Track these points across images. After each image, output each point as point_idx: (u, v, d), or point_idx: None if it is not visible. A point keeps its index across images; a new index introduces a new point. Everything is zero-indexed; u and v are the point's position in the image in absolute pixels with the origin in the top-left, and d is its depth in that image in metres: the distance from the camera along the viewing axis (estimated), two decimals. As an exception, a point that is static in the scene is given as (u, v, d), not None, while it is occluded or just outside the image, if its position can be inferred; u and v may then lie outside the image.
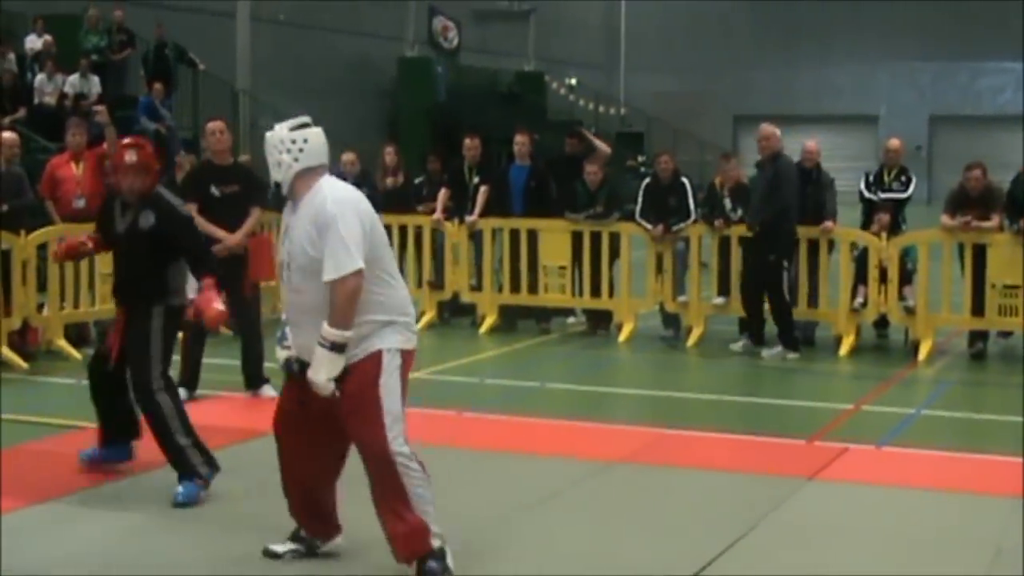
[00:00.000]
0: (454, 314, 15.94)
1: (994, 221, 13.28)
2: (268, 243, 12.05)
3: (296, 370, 6.33)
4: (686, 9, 43.04)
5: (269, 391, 10.73)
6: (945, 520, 7.63)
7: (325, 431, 6.37)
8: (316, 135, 6.45)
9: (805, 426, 10.21)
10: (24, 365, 12.34)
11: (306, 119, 6.53)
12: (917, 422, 10.70)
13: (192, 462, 7.80)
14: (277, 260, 6.70)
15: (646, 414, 11.20)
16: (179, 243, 7.94)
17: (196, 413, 8.35)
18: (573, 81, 40.32)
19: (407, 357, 6.32)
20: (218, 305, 7.73)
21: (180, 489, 7.72)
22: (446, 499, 7.86)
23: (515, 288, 15.21)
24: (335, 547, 6.73)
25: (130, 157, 7.93)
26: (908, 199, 14.31)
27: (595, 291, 14.96)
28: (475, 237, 15.39)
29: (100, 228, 8.38)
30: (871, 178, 14.53)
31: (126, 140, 8.56)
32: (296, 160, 6.34)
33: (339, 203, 6.18)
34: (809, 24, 41.73)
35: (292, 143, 6.36)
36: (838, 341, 13.89)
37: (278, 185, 6.41)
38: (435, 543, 6.28)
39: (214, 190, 10.93)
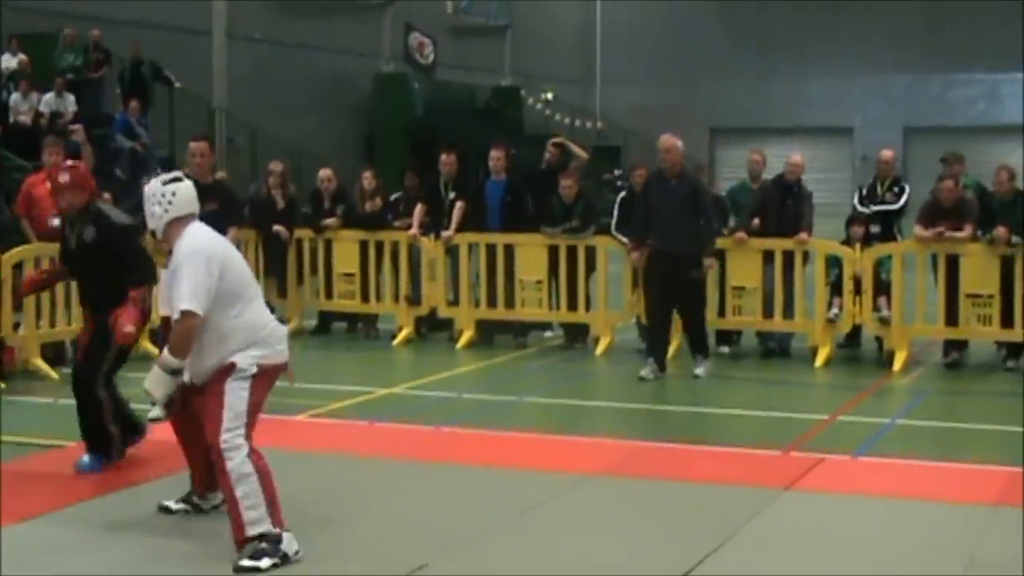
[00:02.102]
0: (431, 329, 15.96)
1: (967, 231, 13.38)
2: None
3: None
4: (661, 23, 43.19)
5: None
6: (920, 529, 7.67)
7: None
8: (185, 188, 7.20)
9: (781, 437, 10.26)
10: (1, 384, 12.32)
11: (178, 174, 7.34)
12: (892, 432, 10.77)
13: (110, 445, 8.86)
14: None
15: (624, 427, 11.22)
16: (117, 252, 8.68)
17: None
18: (549, 95, 40.41)
19: (269, 370, 7.11)
20: (129, 327, 8.34)
21: (86, 459, 8.81)
22: (425, 513, 7.93)
23: (492, 303, 15.24)
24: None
25: (63, 177, 8.82)
26: (902, 210, 14.44)
27: (572, 305, 15.00)
28: (452, 252, 15.42)
29: (61, 247, 9.21)
30: (864, 191, 14.68)
31: (66, 163, 9.81)
32: (166, 211, 7.12)
33: (190, 253, 6.97)
34: (784, 37, 41.92)
35: (163, 196, 7.12)
36: (814, 352, 13.96)
37: (153, 232, 7.18)
38: (252, 531, 6.82)
39: None
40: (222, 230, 11.01)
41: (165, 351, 6.99)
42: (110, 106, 24.49)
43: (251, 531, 6.80)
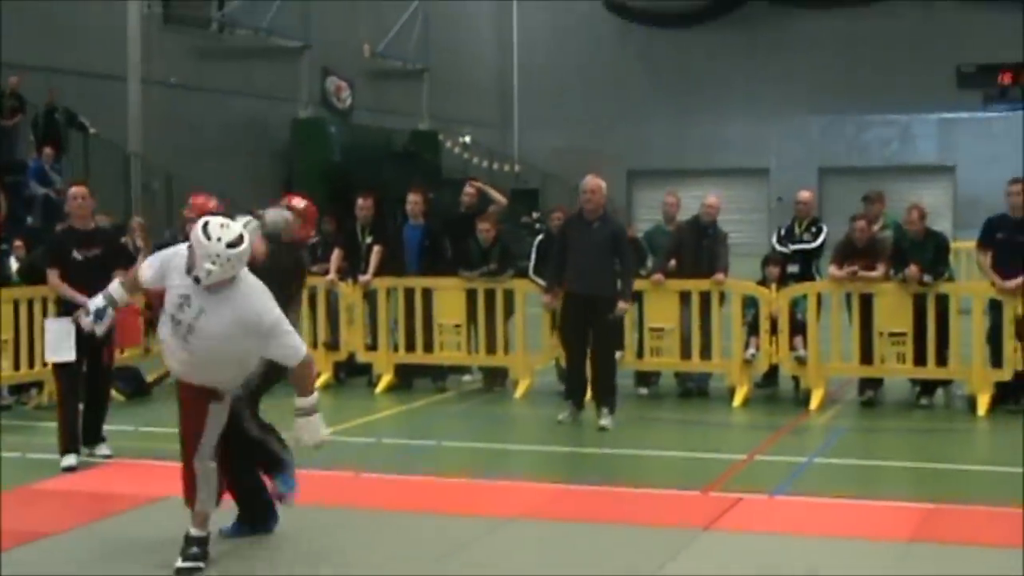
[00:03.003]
0: (350, 374, 15.88)
1: (880, 270, 13.56)
2: (135, 312, 12.02)
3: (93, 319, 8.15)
4: (579, 67, 43.41)
5: (104, 449, 11.07)
6: (837, 566, 7.72)
7: None
8: (245, 252, 7.30)
9: (700, 477, 10.28)
10: None
11: (239, 231, 7.31)
12: (809, 470, 10.83)
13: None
14: (168, 314, 7.53)
15: (543, 470, 11.22)
16: None
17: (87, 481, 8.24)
18: (467, 139, 40.48)
19: None
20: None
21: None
22: (342, 559, 7.87)
23: (411, 347, 15.20)
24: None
25: None
26: (819, 248, 14.58)
27: (491, 348, 15.00)
28: (370, 297, 15.37)
29: None
30: (783, 231, 14.82)
31: None
32: (224, 272, 7.21)
33: (268, 311, 7.30)
34: (701, 81, 42.25)
35: (227, 260, 7.19)
36: (732, 392, 14.04)
37: (197, 279, 7.27)
38: (195, 532, 7.60)
39: (76, 254, 10.98)
40: (107, 274, 11.00)
41: (299, 399, 7.53)
42: (24, 153, 24.24)
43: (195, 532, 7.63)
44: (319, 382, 15.13)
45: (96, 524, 8.07)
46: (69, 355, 10.54)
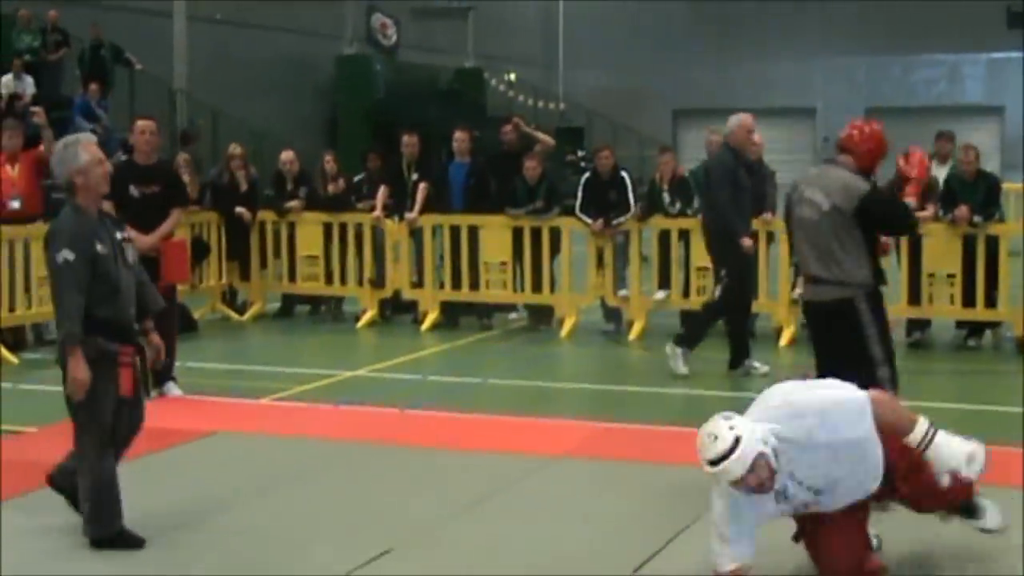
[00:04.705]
0: (395, 311, 15.92)
1: (929, 211, 13.42)
2: (182, 246, 11.98)
3: None
4: (624, 6, 43.11)
5: (174, 390, 10.89)
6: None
7: None
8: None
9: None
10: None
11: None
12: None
13: None
14: None
15: (589, 408, 11.22)
16: None
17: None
18: (512, 77, 40.31)
19: None
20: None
21: None
22: (389, 497, 7.90)
23: (456, 285, 15.20)
24: None
25: None
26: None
27: (536, 286, 14.98)
28: (415, 234, 15.37)
29: None
30: None
31: None
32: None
33: None
34: (746, 20, 41.90)
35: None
36: (778, 333, 13.98)
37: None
38: None
39: (133, 190, 10.87)
40: (164, 213, 11.01)
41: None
42: (69, 88, 24.30)
43: None
44: (365, 319, 15.26)
45: (146, 457, 8.12)
46: None
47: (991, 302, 13.35)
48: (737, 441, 5.48)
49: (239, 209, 15.74)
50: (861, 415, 5.74)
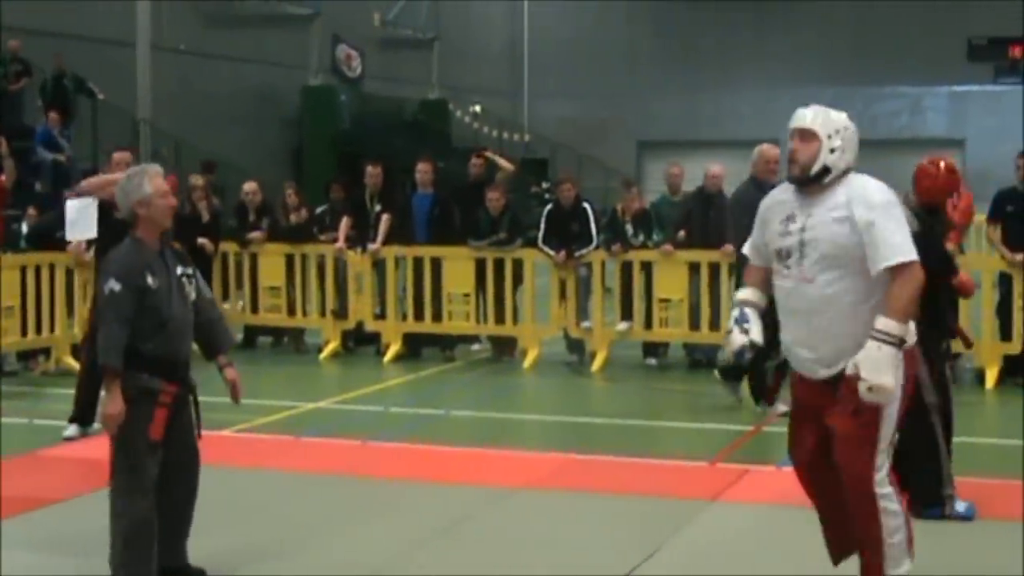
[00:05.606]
0: (358, 343, 15.89)
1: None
2: None
3: (746, 360, 6.37)
4: (590, 36, 43.27)
5: None
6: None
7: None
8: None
9: (707, 448, 10.29)
10: None
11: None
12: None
13: None
14: (774, 248, 6.31)
15: (551, 440, 11.23)
16: None
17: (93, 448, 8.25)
18: (477, 108, 40.38)
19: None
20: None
21: None
22: (351, 528, 7.88)
23: (419, 316, 15.20)
24: None
25: None
26: None
27: (499, 318, 14.99)
28: (378, 266, 15.37)
29: None
30: None
31: None
32: (844, 153, 6.47)
33: (886, 192, 6.17)
34: (711, 52, 42.15)
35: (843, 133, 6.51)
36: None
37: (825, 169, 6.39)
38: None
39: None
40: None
41: (883, 318, 5.71)
42: (31, 118, 24.21)
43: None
44: (328, 350, 15.22)
45: (102, 492, 8.06)
46: (91, 232, 10.39)
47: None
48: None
49: (201, 240, 15.69)
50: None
